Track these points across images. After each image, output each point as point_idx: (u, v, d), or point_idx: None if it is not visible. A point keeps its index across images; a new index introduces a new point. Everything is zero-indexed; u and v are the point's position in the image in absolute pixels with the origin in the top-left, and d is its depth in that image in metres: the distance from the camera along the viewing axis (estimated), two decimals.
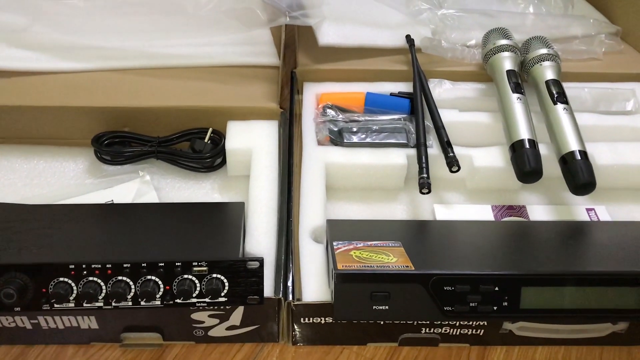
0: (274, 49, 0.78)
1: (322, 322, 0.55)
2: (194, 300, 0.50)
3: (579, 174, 0.60)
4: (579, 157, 0.61)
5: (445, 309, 0.50)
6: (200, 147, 0.68)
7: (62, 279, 0.49)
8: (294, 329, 0.56)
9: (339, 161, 0.66)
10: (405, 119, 0.70)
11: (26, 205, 0.61)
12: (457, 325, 0.56)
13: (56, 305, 0.49)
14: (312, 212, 0.61)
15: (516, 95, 0.67)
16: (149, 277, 0.49)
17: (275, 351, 0.57)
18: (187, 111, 0.69)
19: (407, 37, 0.78)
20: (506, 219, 0.64)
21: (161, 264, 0.49)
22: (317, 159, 0.66)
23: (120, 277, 0.49)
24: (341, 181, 0.67)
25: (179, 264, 0.49)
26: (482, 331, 0.56)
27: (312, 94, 0.75)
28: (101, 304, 0.50)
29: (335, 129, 0.69)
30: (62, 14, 0.74)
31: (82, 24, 0.74)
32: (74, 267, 0.48)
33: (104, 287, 0.49)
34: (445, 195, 0.68)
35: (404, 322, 0.55)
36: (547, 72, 0.70)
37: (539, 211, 0.65)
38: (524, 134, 0.63)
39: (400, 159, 0.66)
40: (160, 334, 0.56)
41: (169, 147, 0.69)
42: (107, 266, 0.49)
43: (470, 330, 0.56)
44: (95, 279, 0.49)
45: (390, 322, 0.55)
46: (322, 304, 0.53)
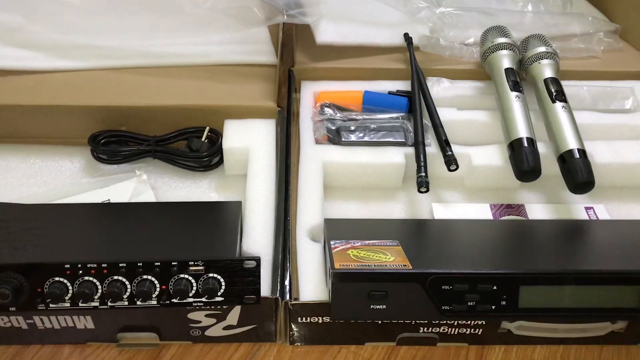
0: (271, 48, 0.78)
1: (320, 321, 0.54)
2: (190, 299, 0.50)
3: (578, 173, 0.60)
4: (577, 155, 0.61)
5: (443, 308, 0.50)
6: (197, 146, 0.68)
7: (57, 279, 0.48)
8: (292, 329, 0.55)
9: (336, 160, 0.66)
10: (403, 118, 0.70)
11: (22, 204, 0.61)
12: (455, 324, 0.55)
13: (52, 305, 0.49)
14: (310, 211, 0.61)
15: (514, 93, 0.67)
16: (145, 276, 0.49)
17: (272, 351, 0.56)
18: (184, 110, 0.69)
19: (405, 35, 0.78)
20: (505, 217, 0.64)
21: (157, 264, 0.49)
22: (314, 157, 0.66)
23: (116, 277, 0.49)
24: (339, 180, 0.67)
25: (175, 263, 0.49)
26: (481, 330, 0.56)
27: (309, 93, 0.75)
28: (97, 304, 0.49)
29: (333, 128, 0.69)
30: (58, 13, 0.74)
31: (79, 22, 0.74)
32: (69, 266, 0.48)
33: (99, 287, 0.49)
34: (443, 194, 0.67)
35: (401, 321, 0.55)
36: (546, 70, 0.69)
37: (537, 210, 0.65)
38: (523, 132, 0.63)
39: (398, 157, 0.66)
40: (156, 333, 0.56)
41: (166, 146, 0.68)
42: (103, 266, 0.48)
43: (468, 329, 0.56)
44: (91, 279, 0.49)
45: (388, 321, 0.55)
46: (319, 303, 0.53)
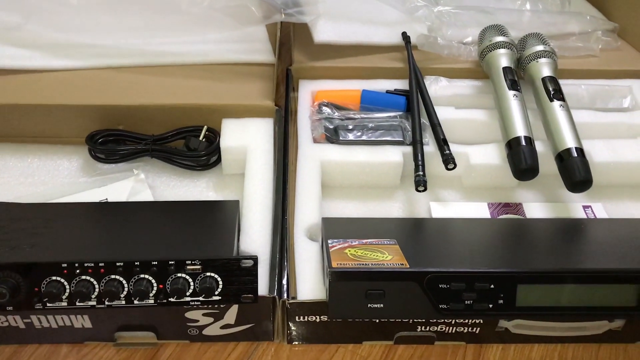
0: (269, 47, 0.78)
1: (317, 320, 0.54)
2: (187, 299, 0.50)
3: (576, 171, 0.60)
4: (575, 154, 0.61)
5: (440, 306, 0.50)
6: (195, 145, 0.68)
7: (54, 278, 0.48)
8: (289, 328, 0.55)
9: (334, 159, 0.66)
10: (401, 117, 0.70)
11: (19, 204, 0.61)
12: (452, 323, 0.55)
13: (49, 304, 0.49)
14: (308, 210, 0.61)
15: (512, 92, 0.67)
16: (142, 275, 0.49)
17: (270, 350, 0.56)
18: (181, 109, 0.68)
19: (403, 34, 0.78)
20: (502, 216, 0.64)
21: (154, 263, 0.49)
22: (312, 156, 0.66)
23: (113, 276, 0.49)
24: (337, 179, 0.67)
25: (172, 262, 0.49)
26: (478, 329, 0.56)
27: (307, 92, 0.75)
28: (94, 303, 0.49)
29: (331, 127, 0.69)
30: (56, 12, 0.74)
31: (76, 22, 0.74)
32: (66, 265, 0.48)
33: (96, 286, 0.49)
34: (441, 192, 0.67)
35: (399, 320, 0.55)
36: (544, 69, 0.69)
37: (535, 208, 0.65)
38: (520, 131, 0.63)
39: (396, 156, 0.66)
40: (154, 333, 0.56)
41: (164, 145, 0.68)
42: (100, 265, 0.48)
43: (466, 328, 0.56)
44: (88, 278, 0.48)
45: (385, 320, 0.55)
46: (317, 302, 0.53)
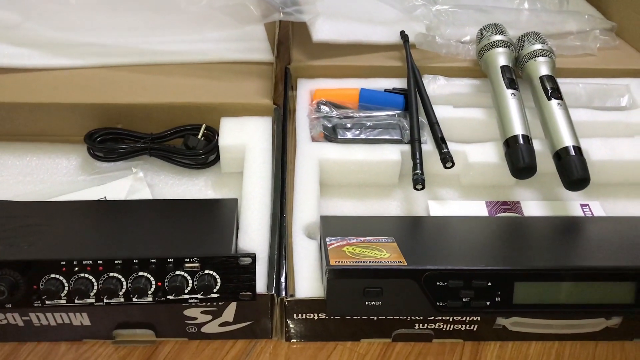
0: (267, 45, 0.78)
1: (316, 318, 0.55)
2: (186, 296, 0.50)
3: (573, 170, 0.60)
4: (573, 152, 0.61)
5: (438, 304, 0.50)
6: (193, 144, 0.68)
7: (53, 276, 0.48)
8: (287, 325, 0.55)
9: (333, 157, 0.66)
10: (399, 115, 0.70)
11: (18, 202, 0.61)
12: (450, 320, 0.56)
13: (47, 301, 0.49)
14: (306, 209, 0.61)
15: (510, 90, 0.67)
16: (140, 273, 0.49)
17: (268, 347, 0.56)
18: (180, 108, 0.69)
19: (402, 33, 0.78)
20: (500, 214, 0.64)
21: (153, 260, 0.49)
22: (311, 155, 0.66)
23: (111, 274, 0.49)
24: (335, 177, 0.67)
25: (170, 260, 0.49)
26: (476, 327, 0.56)
27: (306, 90, 0.75)
28: (93, 301, 0.49)
29: (329, 125, 0.69)
30: (55, 11, 0.74)
31: (75, 20, 0.74)
32: (65, 263, 0.48)
33: (95, 284, 0.49)
34: (439, 191, 0.67)
35: (397, 317, 0.55)
36: (542, 67, 0.69)
37: (533, 207, 0.65)
38: (518, 129, 0.63)
39: (394, 155, 0.66)
40: (152, 330, 0.56)
41: (162, 143, 0.68)
42: (99, 262, 0.48)
43: (463, 325, 0.56)
44: (86, 276, 0.49)
45: (383, 317, 0.55)
46: (315, 299, 0.53)
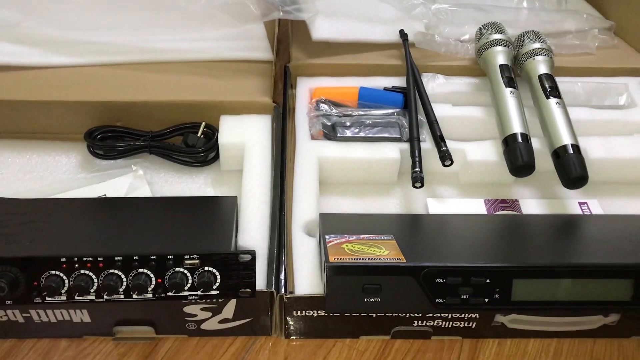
0: (267, 44, 0.78)
1: (315, 315, 0.55)
2: (186, 293, 0.50)
3: (572, 168, 0.60)
4: (571, 150, 0.61)
5: (436, 301, 0.50)
6: (193, 142, 0.68)
7: (53, 272, 0.48)
8: (287, 322, 0.56)
9: (332, 155, 0.66)
10: (398, 114, 0.70)
11: (18, 199, 0.61)
12: (449, 317, 0.56)
13: (48, 298, 0.49)
14: (305, 206, 0.61)
15: (509, 89, 0.67)
16: (140, 270, 0.49)
17: (268, 344, 0.57)
18: (180, 106, 0.69)
19: (401, 32, 0.78)
20: (499, 212, 0.64)
21: (153, 257, 0.49)
22: (310, 153, 0.66)
23: (112, 270, 0.49)
24: (334, 175, 0.67)
25: (170, 257, 0.49)
26: (474, 324, 0.56)
27: (305, 89, 0.75)
28: (93, 297, 0.50)
29: (328, 124, 0.69)
30: (55, 9, 0.74)
31: (75, 19, 0.74)
32: (65, 260, 0.48)
33: (95, 280, 0.49)
34: (438, 189, 0.68)
35: (396, 314, 0.55)
36: (540, 66, 0.70)
37: (531, 205, 0.65)
38: (517, 128, 0.63)
39: (393, 153, 0.66)
40: (152, 327, 0.56)
41: (162, 141, 0.69)
42: (99, 259, 0.49)
43: (462, 322, 0.56)
44: (86, 272, 0.49)
45: (382, 314, 0.55)
46: (314, 296, 0.53)
